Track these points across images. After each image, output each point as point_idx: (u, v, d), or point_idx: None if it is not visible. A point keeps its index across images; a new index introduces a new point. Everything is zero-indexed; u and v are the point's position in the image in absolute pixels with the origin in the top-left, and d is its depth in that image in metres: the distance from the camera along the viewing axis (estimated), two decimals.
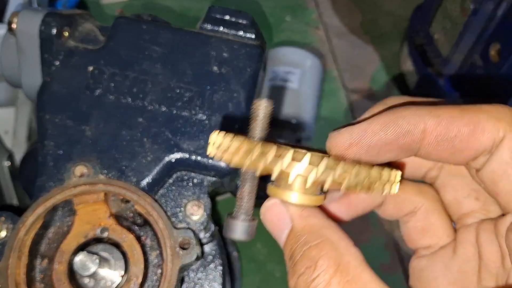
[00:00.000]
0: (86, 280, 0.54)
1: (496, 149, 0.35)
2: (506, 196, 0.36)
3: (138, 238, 0.56)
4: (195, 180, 0.59)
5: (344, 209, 0.44)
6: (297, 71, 0.88)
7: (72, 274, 0.54)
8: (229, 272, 0.71)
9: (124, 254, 0.55)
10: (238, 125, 0.59)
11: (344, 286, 0.33)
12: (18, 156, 0.80)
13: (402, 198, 0.43)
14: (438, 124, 0.35)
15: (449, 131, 0.35)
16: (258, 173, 0.35)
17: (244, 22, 0.63)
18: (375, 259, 0.52)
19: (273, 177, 0.36)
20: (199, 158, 0.57)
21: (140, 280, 0.54)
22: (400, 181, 0.38)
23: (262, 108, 0.37)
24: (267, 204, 0.39)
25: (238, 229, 0.38)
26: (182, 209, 0.57)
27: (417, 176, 0.44)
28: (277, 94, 0.86)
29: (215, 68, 0.61)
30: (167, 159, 0.57)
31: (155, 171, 0.57)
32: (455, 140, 0.35)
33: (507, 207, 0.36)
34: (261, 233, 0.41)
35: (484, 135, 0.34)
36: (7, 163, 0.78)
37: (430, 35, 0.93)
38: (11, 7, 0.77)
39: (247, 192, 0.38)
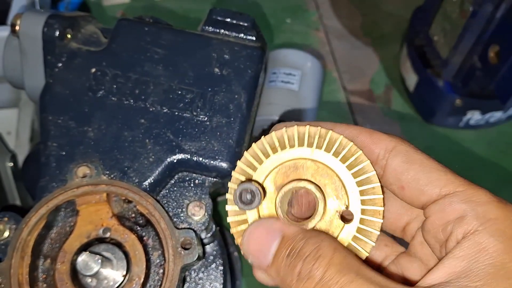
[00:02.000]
0: (88, 280, 0.55)
1: (392, 153, 0.41)
2: (409, 191, 0.40)
3: (140, 238, 0.56)
4: (196, 181, 0.59)
5: None
6: (297, 73, 0.88)
7: (74, 274, 0.55)
8: (230, 272, 0.71)
9: (126, 254, 0.55)
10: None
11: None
12: (21, 157, 0.80)
13: None
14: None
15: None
16: None
17: (245, 24, 0.64)
18: None
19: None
20: (200, 159, 0.58)
21: (142, 280, 0.54)
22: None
23: None
24: (250, 228, 0.40)
25: None
26: (184, 209, 0.58)
27: None
28: (277, 95, 0.86)
29: (216, 69, 0.61)
30: (169, 160, 0.58)
31: (157, 172, 0.57)
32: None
33: (413, 202, 0.41)
34: None
35: (379, 143, 0.42)
36: (9, 164, 0.79)
37: (430, 36, 0.93)
38: (14, 9, 0.78)
39: None
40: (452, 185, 0.39)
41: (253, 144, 0.43)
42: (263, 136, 0.43)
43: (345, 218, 0.40)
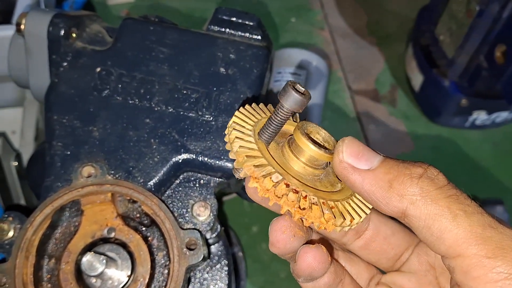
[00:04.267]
0: (93, 280, 0.54)
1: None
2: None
3: (145, 239, 0.56)
4: (201, 181, 0.59)
5: None
6: (303, 73, 0.88)
7: (79, 274, 0.54)
8: (235, 273, 0.71)
9: (131, 255, 0.55)
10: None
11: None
12: (26, 156, 0.80)
13: None
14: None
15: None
16: None
17: (251, 23, 0.64)
18: None
19: None
20: (206, 159, 0.57)
21: (146, 280, 0.54)
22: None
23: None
24: (351, 138, 0.39)
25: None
26: (189, 209, 0.57)
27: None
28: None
29: (221, 69, 0.61)
30: (174, 160, 0.57)
31: (162, 172, 0.57)
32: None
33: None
34: (265, 233, 0.40)
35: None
36: (14, 163, 0.79)
37: (436, 36, 0.93)
38: (19, 8, 0.77)
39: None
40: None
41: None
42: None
43: None
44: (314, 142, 0.39)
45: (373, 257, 0.50)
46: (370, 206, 0.40)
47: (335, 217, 0.38)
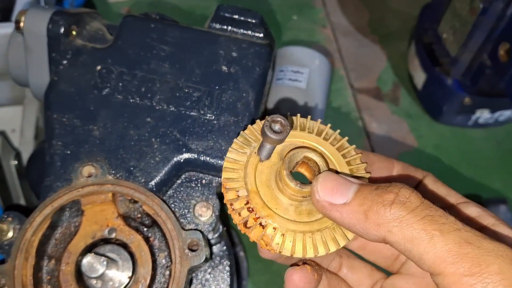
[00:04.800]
0: (93, 282, 0.54)
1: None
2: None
3: (146, 239, 0.56)
4: (203, 181, 0.58)
5: None
6: (305, 71, 0.87)
7: (79, 275, 0.54)
8: (236, 273, 0.70)
9: (131, 255, 0.54)
10: None
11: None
12: (25, 155, 0.80)
13: None
14: None
15: None
16: None
17: (253, 21, 0.63)
18: None
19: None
20: (208, 158, 0.57)
21: (148, 281, 0.54)
22: None
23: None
24: (325, 173, 0.41)
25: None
26: (191, 210, 0.57)
27: None
28: (284, 93, 0.85)
29: (223, 67, 0.60)
30: (175, 159, 0.57)
31: (163, 172, 0.56)
32: None
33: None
34: None
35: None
36: (14, 162, 0.78)
37: (439, 34, 0.92)
38: (18, 6, 0.77)
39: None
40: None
41: (249, 126, 0.47)
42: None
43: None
44: (293, 178, 0.42)
45: (371, 257, 0.52)
46: (323, 245, 0.42)
47: (271, 244, 0.42)
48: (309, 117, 0.47)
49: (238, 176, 0.43)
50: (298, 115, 0.47)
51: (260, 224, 0.42)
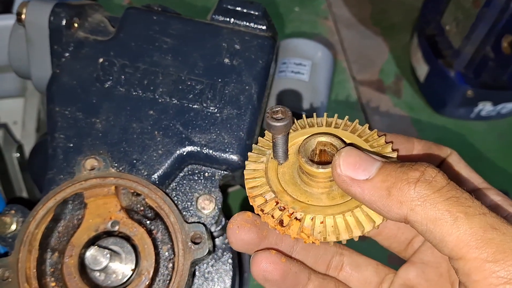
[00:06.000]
0: (96, 274, 0.54)
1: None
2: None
3: (149, 232, 0.56)
4: (206, 174, 0.58)
5: None
6: (307, 63, 0.87)
7: (82, 267, 0.54)
8: (238, 265, 0.71)
9: (135, 248, 0.55)
10: None
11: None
12: (27, 148, 0.80)
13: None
14: None
15: None
16: None
17: (256, 13, 0.63)
18: (382, 251, 0.51)
19: None
20: (210, 151, 0.57)
21: (151, 274, 0.54)
22: None
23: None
24: (347, 148, 0.39)
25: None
26: (194, 203, 0.57)
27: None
28: (287, 86, 0.85)
29: (226, 60, 0.60)
30: (178, 152, 0.57)
31: (166, 165, 0.56)
32: None
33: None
34: None
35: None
36: (16, 155, 0.78)
37: (442, 26, 0.91)
38: None
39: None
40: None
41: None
42: None
43: None
44: (313, 162, 0.41)
45: (385, 242, 0.51)
46: (372, 219, 0.40)
47: (313, 234, 0.39)
48: (314, 114, 0.46)
49: (262, 183, 0.42)
50: (304, 115, 0.47)
51: (296, 218, 0.40)
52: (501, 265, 0.32)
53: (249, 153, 0.44)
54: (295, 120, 0.45)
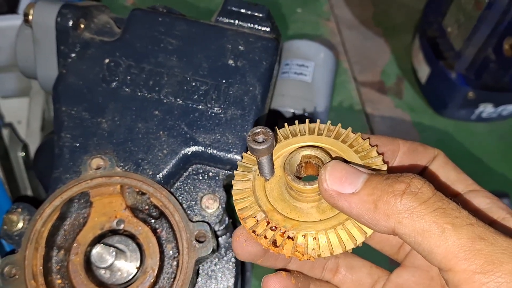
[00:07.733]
0: (102, 272, 0.55)
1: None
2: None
3: (154, 231, 0.56)
4: (210, 174, 0.59)
5: None
6: (310, 64, 0.88)
7: (88, 265, 0.55)
8: (241, 264, 0.71)
9: (139, 246, 0.55)
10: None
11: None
12: (32, 147, 0.80)
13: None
14: None
15: None
16: None
17: (260, 15, 0.63)
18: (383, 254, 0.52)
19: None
20: (215, 151, 0.57)
21: (156, 272, 0.54)
22: None
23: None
24: (334, 162, 0.40)
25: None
26: (198, 202, 0.57)
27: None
28: (290, 87, 0.85)
29: (231, 61, 0.61)
30: (183, 152, 0.57)
31: (171, 164, 0.57)
32: None
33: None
34: None
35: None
36: (21, 154, 0.79)
37: (443, 28, 0.92)
38: None
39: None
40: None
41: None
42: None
43: None
44: (299, 178, 0.41)
45: (378, 246, 0.51)
46: (364, 230, 0.40)
47: (307, 252, 0.40)
48: (296, 122, 0.46)
49: (250, 203, 0.42)
50: (286, 124, 0.46)
51: (288, 237, 0.40)
52: (490, 276, 0.32)
53: (235, 172, 0.44)
54: (278, 130, 0.45)
